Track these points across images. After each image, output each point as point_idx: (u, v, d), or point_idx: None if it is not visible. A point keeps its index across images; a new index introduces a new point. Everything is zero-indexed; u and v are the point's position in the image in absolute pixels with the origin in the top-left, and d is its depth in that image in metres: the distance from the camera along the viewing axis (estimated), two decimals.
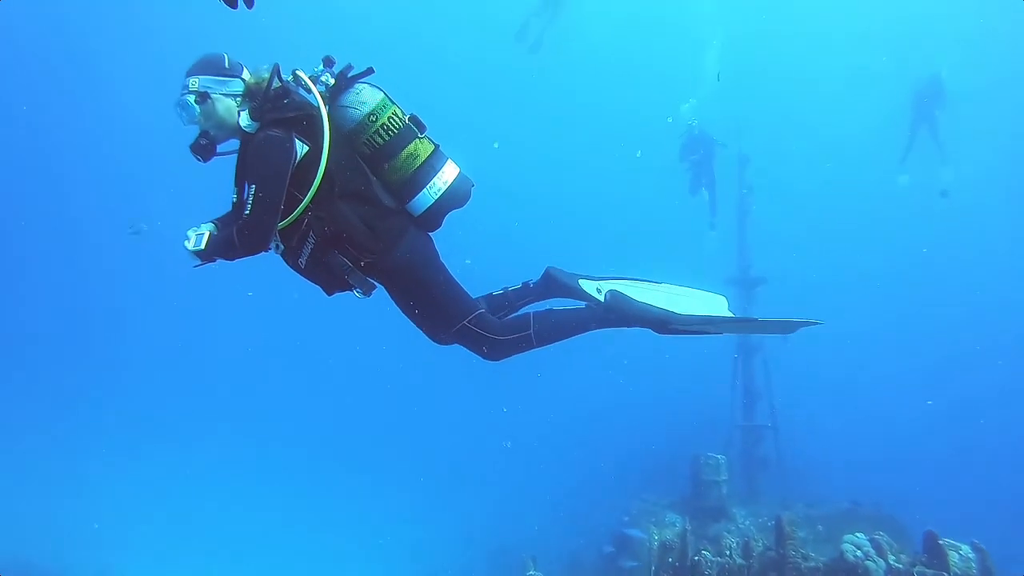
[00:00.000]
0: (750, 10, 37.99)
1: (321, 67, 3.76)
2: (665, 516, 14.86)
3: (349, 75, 3.78)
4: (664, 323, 4.17)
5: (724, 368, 18.59)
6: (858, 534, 10.48)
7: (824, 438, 21.07)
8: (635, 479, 18.36)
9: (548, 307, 4.19)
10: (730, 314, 4.49)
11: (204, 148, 3.72)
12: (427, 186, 3.73)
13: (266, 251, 3.69)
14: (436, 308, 3.93)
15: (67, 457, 27.23)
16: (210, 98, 3.64)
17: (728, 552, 10.20)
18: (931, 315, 34.14)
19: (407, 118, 3.80)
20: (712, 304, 4.45)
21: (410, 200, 3.77)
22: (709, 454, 14.81)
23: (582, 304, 4.23)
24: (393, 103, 3.76)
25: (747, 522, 14.32)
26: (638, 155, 37.97)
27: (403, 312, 4.04)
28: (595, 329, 4.22)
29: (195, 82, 3.65)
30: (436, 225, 3.95)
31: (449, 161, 3.88)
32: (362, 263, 3.75)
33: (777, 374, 17.82)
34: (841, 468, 18.69)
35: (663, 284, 4.39)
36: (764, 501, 15.75)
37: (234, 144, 3.79)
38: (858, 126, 39.71)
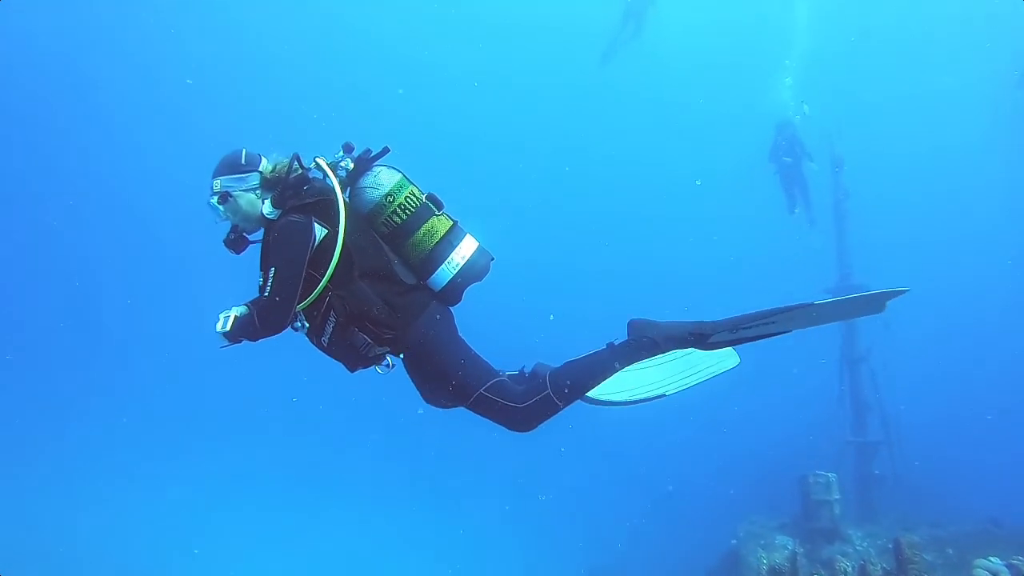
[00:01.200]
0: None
1: (341, 153, 3.93)
2: (775, 539, 14.23)
3: (368, 158, 3.94)
4: (701, 335, 3.85)
5: (831, 382, 17.73)
6: (992, 558, 9.70)
7: (951, 451, 19.75)
8: (742, 500, 17.70)
9: (563, 362, 4.05)
10: (736, 360, 4.37)
11: (234, 242, 3.95)
12: (445, 262, 3.83)
13: (286, 330, 3.81)
14: (454, 380, 3.90)
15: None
16: (231, 196, 3.83)
17: (843, 575, 9.65)
18: None
19: (424, 196, 3.93)
20: (724, 360, 4.34)
21: (430, 276, 3.87)
22: (819, 472, 14.11)
23: (602, 347, 4.03)
24: (411, 183, 3.92)
25: (864, 544, 13.53)
26: (697, 183, 37.47)
27: (422, 385, 4.10)
28: (622, 367, 3.99)
29: (217, 184, 3.85)
30: (456, 299, 4.03)
31: (468, 236, 3.97)
32: (383, 339, 3.83)
33: (888, 384, 16.91)
34: (975, 484, 17.38)
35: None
36: (882, 522, 14.83)
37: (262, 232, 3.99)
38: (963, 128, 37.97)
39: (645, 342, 3.89)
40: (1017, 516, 13.97)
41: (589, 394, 4.05)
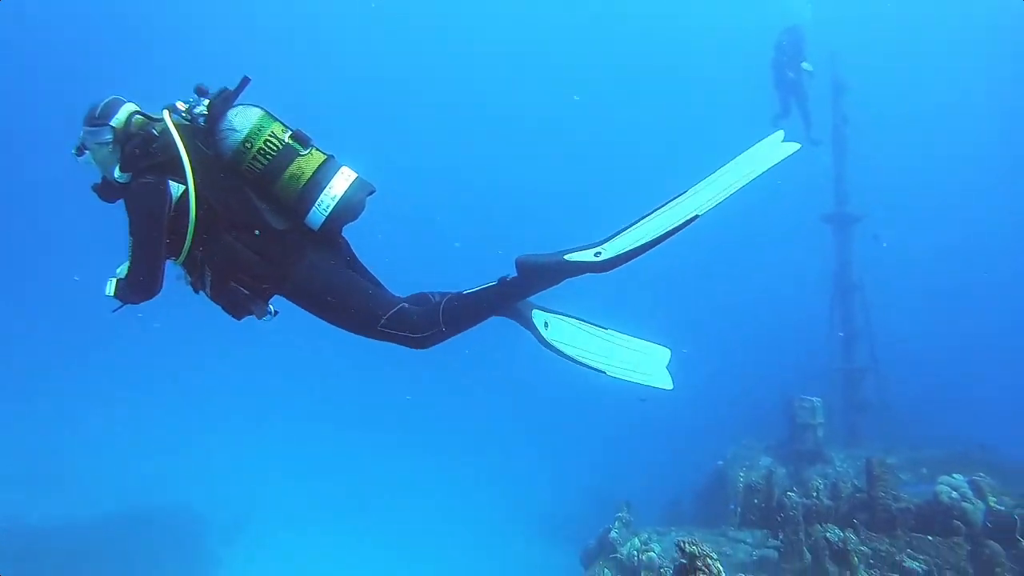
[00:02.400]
0: None
1: (196, 97, 3.65)
2: (759, 460, 14.73)
3: (223, 98, 3.64)
4: (591, 261, 3.67)
5: (822, 310, 18.01)
6: (956, 475, 10.14)
7: (932, 378, 20.16)
8: (733, 424, 18.22)
9: (458, 292, 3.93)
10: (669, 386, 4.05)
11: (101, 190, 3.75)
12: (316, 203, 3.59)
13: (161, 291, 3.70)
14: (348, 318, 3.84)
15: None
16: (88, 149, 3.67)
17: (815, 493, 10.07)
18: None
19: (288, 136, 3.62)
20: (652, 356, 4.16)
21: (303, 219, 3.63)
22: (804, 397, 14.52)
23: (493, 281, 3.89)
24: (273, 120, 3.64)
25: (844, 465, 14.00)
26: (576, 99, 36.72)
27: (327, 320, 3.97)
28: (515, 301, 3.95)
29: (82, 133, 3.68)
30: (333, 239, 3.86)
31: (342, 171, 3.71)
32: (262, 290, 3.72)
33: (878, 313, 17.18)
34: (952, 410, 17.84)
35: (609, 330, 4.19)
36: (865, 445, 15.33)
37: None
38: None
39: (535, 275, 3.77)
40: (989, 440, 14.45)
41: (547, 338, 4.00)
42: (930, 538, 8.98)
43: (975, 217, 34.92)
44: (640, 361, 4.13)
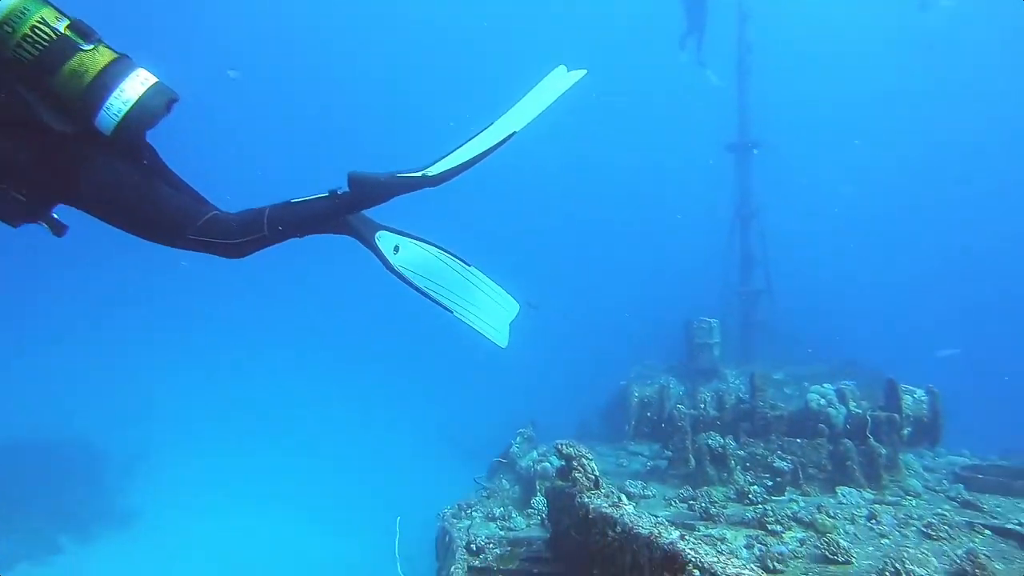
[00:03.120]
0: None
1: None
2: (660, 378, 15.56)
3: None
4: (420, 177, 3.60)
5: (722, 236, 18.89)
6: (826, 385, 11.17)
7: (820, 301, 21.52)
8: (639, 345, 19.09)
9: (286, 200, 3.70)
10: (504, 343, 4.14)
11: None
12: (104, 107, 3.20)
13: None
14: (150, 227, 3.59)
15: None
16: None
17: (703, 405, 10.94)
18: (930, 175, 34.11)
19: (64, 26, 3.18)
20: (502, 307, 4.15)
21: (89, 123, 3.26)
22: (702, 318, 15.42)
23: (324, 193, 3.70)
24: (42, 5, 3.16)
25: (737, 382, 15.01)
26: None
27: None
28: (344, 215, 3.75)
29: None
30: (133, 147, 3.49)
31: (136, 74, 3.33)
32: (41, 198, 3.45)
33: (775, 240, 18.13)
34: (836, 330, 19.18)
35: (472, 268, 4.08)
36: (757, 362, 16.38)
37: None
38: None
39: (366, 189, 3.61)
40: (865, 357, 15.74)
41: (394, 264, 3.84)
42: (799, 440, 9.95)
43: (874, 156, 36.50)
44: (490, 309, 4.10)
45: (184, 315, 35.68)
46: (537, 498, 8.90)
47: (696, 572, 3.15)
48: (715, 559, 3.15)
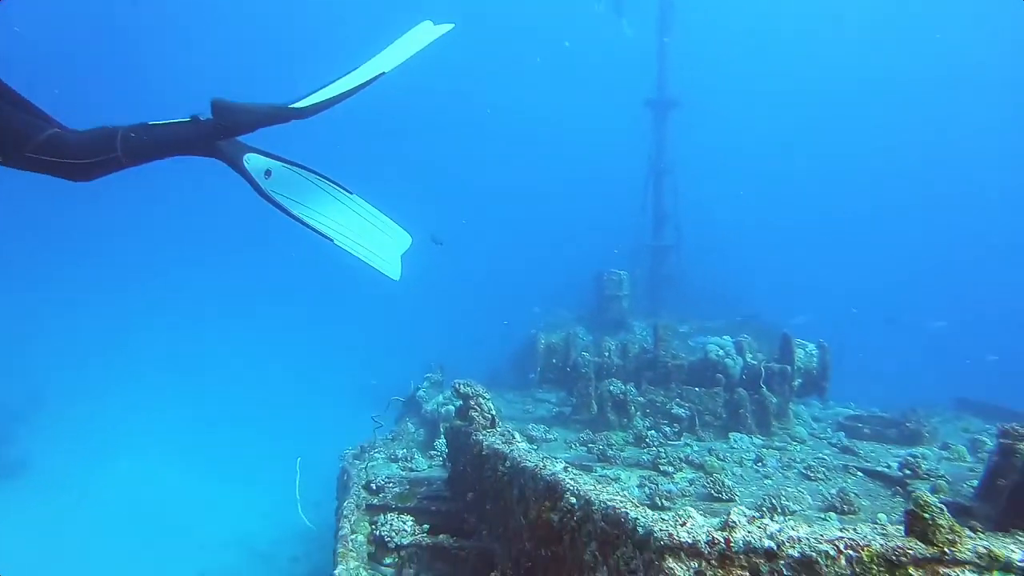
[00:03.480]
0: None
1: None
2: (571, 328, 15.76)
3: None
4: (285, 110, 3.51)
5: (637, 191, 19.09)
6: (725, 337, 11.56)
7: (728, 259, 22.12)
8: (551, 296, 19.24)
9: (143, 122, 3.53)
10: (398, 236, 4.04)
11: None
12: None
13: None
14: None
15: None
16: None
17: (607, 353, 11.16)
18: (845, 142, 35.50)
19: None
20: (392, 238, 4.06)
21: None
22: (612, 270, 15.62)
23: (186, 118, 3.58)
24: None
25: (644, 333, 15.34)
26: None
27: None
28: (207, 142, 3.60)
29: None
30: None
31: None
32: None
33: (687, 196, 18.46)
34: (741, 286, 19.80)
35: (355, 197, 3.97)
36: (665, 315, 16.74)
37: None
38: None
39: (229, 119, 3.51)
40: (768, 312, 16.33)
41: (266, 189, 3.69)
42: (697, 389, 10.30)
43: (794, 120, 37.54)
44: (379, 240, 4.01)
45: (78, 259, 34.04)
46: (440, 440, 8.92)
47: (572, 499, 3.21)
48: (591, 487, 3.21)
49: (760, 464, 8.05)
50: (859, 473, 7.83)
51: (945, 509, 2.21)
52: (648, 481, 6.87)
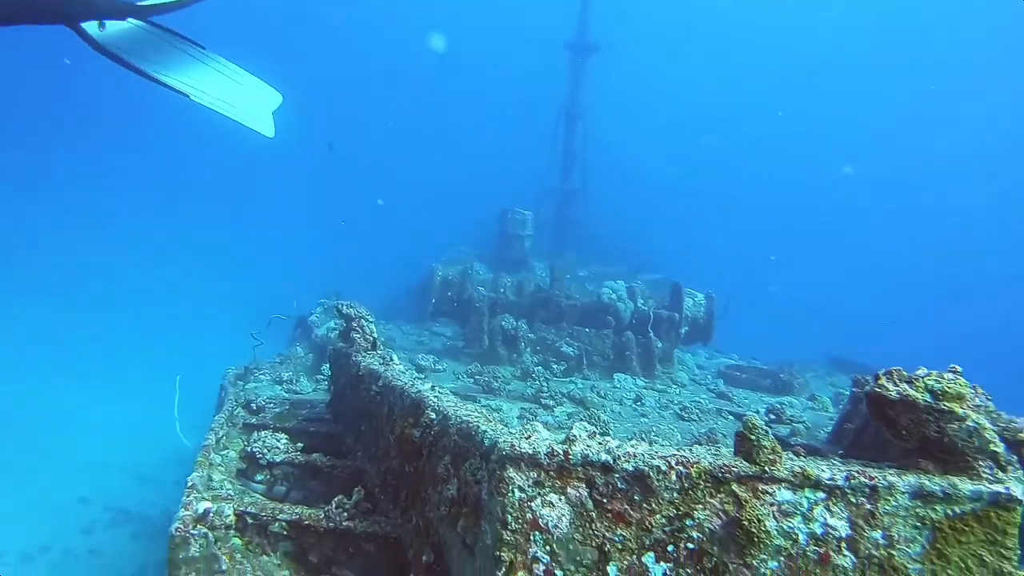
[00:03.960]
0: None
1: None
2: (472, 264, 15.77)
3: None
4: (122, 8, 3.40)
5: (547, 132, 19.04)
6: (619, 281, 11.83)
7: (635, 206, 22.53)
8: (455, 232, 19.16)
9: None
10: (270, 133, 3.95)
11: None
12: None
13: None
14: None
15: None
16: None
17: (503, 290, 11.26)
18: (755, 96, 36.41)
19: None
20: (259, 95, 3.92)
21: None
22: (517, 209, 15.62)
23: None
24: None
25: (544, 274, 15.51)
26: None
27: None
28: (48, 23, 3.36)
29: None
30: None
31: None
32: None
33: (595, 141, 18.55)
34: (646, 234, 20.23)
35: (211, 53, 3.80)
36: (566, 257, 16.96)
37: None
38: None
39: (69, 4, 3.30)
40: (663, 261, 16.78)
41: (99, 40, 3.46)
42: (587, 330, 10.54)
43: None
44: (242, 96, 3.86)
45: None
46: (327, 365, 8.84)
47: (432, 415, 3.23)
48: (451, 404, 3.24)
49: (639, 403, 8.34)
50: (730, 416, 8.25)
51: (770, 432, 2.34)
52: (528, 413, 7.02)
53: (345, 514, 3.81)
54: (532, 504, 2.32)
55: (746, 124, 40.65)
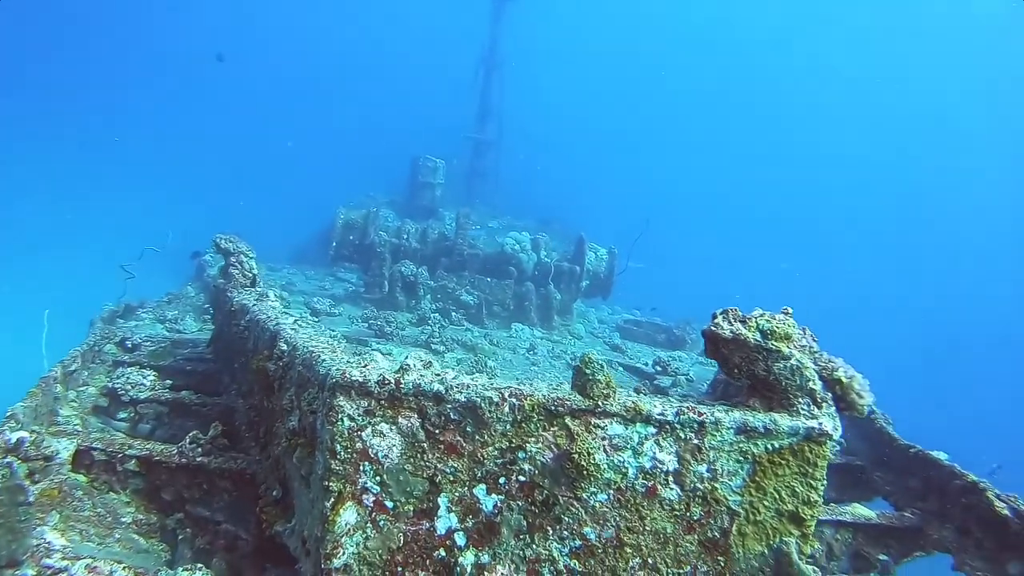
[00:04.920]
0: None
1: None
2: (378, 209, 15.47)
3: None
4: None
5: (465, 82, 18.72)
6: (524, 232, 11.84)
7: (549, 159, 22.57)
8: (364, 178, 18.75)
9: None
10: None
11: None
12: None
13: None
14: None
15: None
16: None
17: (406, 236, 11.09)
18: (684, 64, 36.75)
19: None
20: None
21: None
22: (428, 157, 15.33)
23: None
24: None
25: (453, 224, 15.38)
26: None
27: None
28: None
29: None
30: None
31: None
32: None
33: (512, 94, 18.34)
34: (552, 186, 20.29)
35: None
36: (477, 207, 16.80)
37: None
38: None
39: None
40: (573, 213, 16.84)
41: None
42: (489, 279, 10.53)
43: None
44: None
45: None
46: None
47: (283, 346, 3.13)
48: (307, 337, 3.14)
49: (532, 352, 8.41)
50: (620, 367, 8.41)
51: (605, 366, 2.35)
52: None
53: (200, 450, 3.68)
54: (362, 434, 2.26)
55: (671, 80, 41.01)
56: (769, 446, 2.35)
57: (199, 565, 2.87)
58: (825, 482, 2.38)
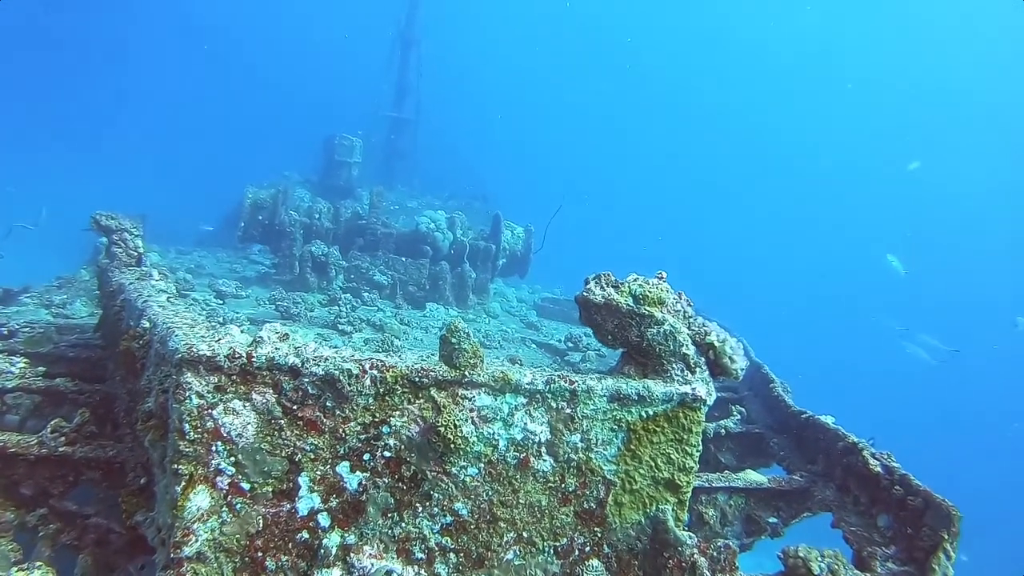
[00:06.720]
0: None
1: None
2: (294, 191, 15.03)
3: None
4: None
5: (381, 59, 18.33)
6: (440, 211, 11.66)
7: (462, 139, 22.34)
8: (280, 157, 18.22)
9: None
10: None
11: None
12: None
13: None
14: None
15: None
16: None
17: (318, 215, 10.77)
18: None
19: None
20: None
21: None
22: (344, 135, 14.95)
23: None
24: None
25: (367, 203, 15.03)
26: None
27: None
28: None
29: None
30: None
31: None
32: None
33: (430, 71, 18.04)
34: (473, 165, 20.06)
35: None
36: (396, 187, 16.51)
37: None
38: None
39: None
40: (499, 191, 16.74)
41: None
42: (403, 259, 10.32)
43: None
44: None
45: None
46: None
47: (146, 323, 2.93)
48: (171, 313, 2.95)
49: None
50: (533, 344, 8.38)
51: (471, 335, 2.25)
52: (323, 338, 6.77)
53: (63, 439, 3.43)
54: (212, 411, 2.11)
55: (600, 60, 41.12)
56: (643, 413, 2.30)
57: (38, 564, 2.66)
58: (700, 448, 2.34)
